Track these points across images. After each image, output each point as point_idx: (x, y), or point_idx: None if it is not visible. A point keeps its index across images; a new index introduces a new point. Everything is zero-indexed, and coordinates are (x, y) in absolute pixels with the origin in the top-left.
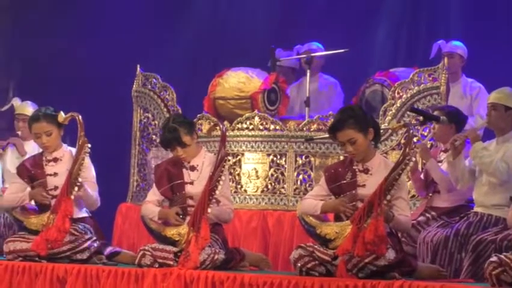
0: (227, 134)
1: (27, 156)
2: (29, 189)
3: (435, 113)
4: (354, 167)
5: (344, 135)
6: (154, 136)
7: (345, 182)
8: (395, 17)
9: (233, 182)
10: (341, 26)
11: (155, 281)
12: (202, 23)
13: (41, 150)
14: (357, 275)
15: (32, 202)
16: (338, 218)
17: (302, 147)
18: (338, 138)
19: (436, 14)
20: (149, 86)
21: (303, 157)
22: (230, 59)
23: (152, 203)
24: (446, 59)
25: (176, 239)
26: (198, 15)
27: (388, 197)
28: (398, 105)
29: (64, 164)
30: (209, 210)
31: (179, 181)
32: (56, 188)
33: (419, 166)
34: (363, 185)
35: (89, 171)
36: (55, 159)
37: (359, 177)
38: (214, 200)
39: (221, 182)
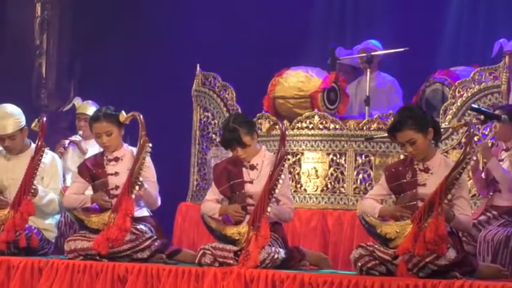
0: (287, 133)
1: (88, 156)
2: (90, 192)
3: (496, 111)
4: (414, 166)
5: (404, 136)
6: (213, 135)
7: (405, 181)
8: (455, 14)
9: (293, 181)
10: (399, 24)
11: (215, 280)
12: (261, 22)
13: (102, 149)
14: (418, 274)
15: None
16: None
17: (362, 146)
18: (397, 139)
19: (497, 12)
20: (209, 85)
21: (363, 156)
22: (289, 58)
23: (211, 201)
24: (507, 58)
25: (237, 238)
26: (257, 14)
27: (449, 196)
28: (459, 104)
29: (125, 163)
30: (269, 209)
31: (238, 180)
32: (117, 187)
33: (480, 165)
34: (424, 184)
35: (149, 171)
36: (116, 159)
37: (420, 176)
38: (273, 199)
39: (280, 181)
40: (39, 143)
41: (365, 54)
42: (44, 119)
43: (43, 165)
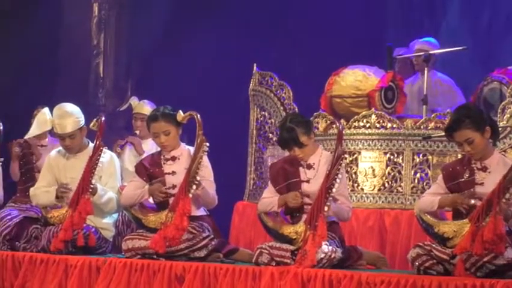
0: (344, 132)
1: (144, 155)
2: (147, 186)
3: None
4: (472, 165)
5: (461, 136)
6: (270, 134)
7: (463, 180)
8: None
9: (350, 180)
10: (457, 22)
11: (272, 279)
12: (317, 21)
13: (159, 148)
14: (476, 274)
15: (151, 200)
16: (456, 216)
17: (419, 145)
18: (454, 138)
19: None
20: (266, 85)
21: (421, 155)
22: (346, 57)
23: (267, 199)
24: None
25: (294, 237)
26: (313, 13)
27: (507, 195)
28: None
29: (182, 162)
30: (325, 208)
31: (295, 179)
32: (174, 186)
33: None
34: (482, 183)
35: (207, 170)
36: (173, 158)
37: (477, 175)
38: (331, 198)
39: (338, 180)
40: (98, 143)
41: (422, 53)
42: (103, 118)
43: (101, 165)
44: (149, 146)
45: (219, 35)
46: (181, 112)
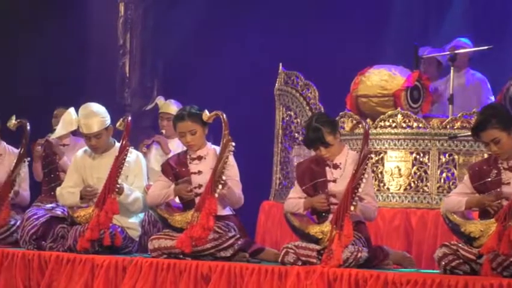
0: (370, 131)
1: (170, 155)
2: (173, 185)
3: None
4: (498, 165)
5: (488, 136)
6: (296, 134)
7: (489, 180)
8: None
9: (376, 180)
10: (488, 21)
11: (298, 279)
12: (343, 20)
13: (185, 148)
14: (502, 273)
15: (177, 199)
16: (483, 216)
17: (446, 145)
18: (481, 138)
19: None
20: (292, 84)
21: (447, 155)
22: (372, 56)
23: (294, 199)
24: None
25: (320, 237)
26: (340, 13)
27: None
28: None
29: (208, 162)
30: (352, 208)
31: (322, 179)
32: (200, 186)
33: None
34: (508, 183)
35: (233, 170)
36: (199, 158)
37: (504, 175)
38: (357, 198)
39: (364, 180)
40: (124, 142)
41: (448, 52)
42: (129, 118)
43: (128, 164)
44: (176, 146)
45: (245, 34)
46: (207, 112)
